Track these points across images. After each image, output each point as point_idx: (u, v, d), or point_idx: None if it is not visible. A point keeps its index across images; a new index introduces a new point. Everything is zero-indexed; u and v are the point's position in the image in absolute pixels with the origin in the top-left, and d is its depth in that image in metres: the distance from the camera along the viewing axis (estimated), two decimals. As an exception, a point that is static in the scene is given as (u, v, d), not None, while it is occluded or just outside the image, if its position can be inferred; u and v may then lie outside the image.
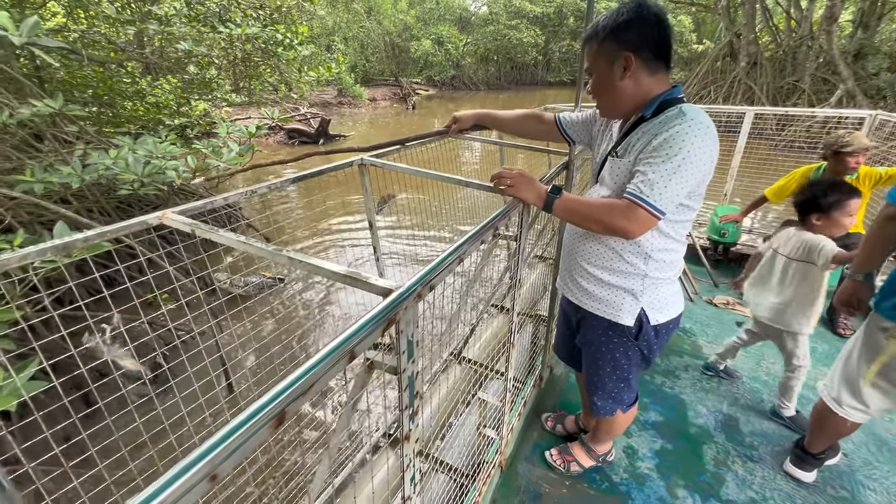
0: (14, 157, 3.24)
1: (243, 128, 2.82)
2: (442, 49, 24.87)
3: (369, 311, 0.66)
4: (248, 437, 0.46)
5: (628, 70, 1.13)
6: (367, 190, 1.65)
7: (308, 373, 0.53)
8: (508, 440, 1.86)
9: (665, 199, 1.08)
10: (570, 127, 1.53)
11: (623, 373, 1.44)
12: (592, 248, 1.34)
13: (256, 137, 2.92)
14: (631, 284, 1.30)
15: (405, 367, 0.77)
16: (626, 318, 1.32)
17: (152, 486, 0.39)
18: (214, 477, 0.43)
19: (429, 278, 0.78)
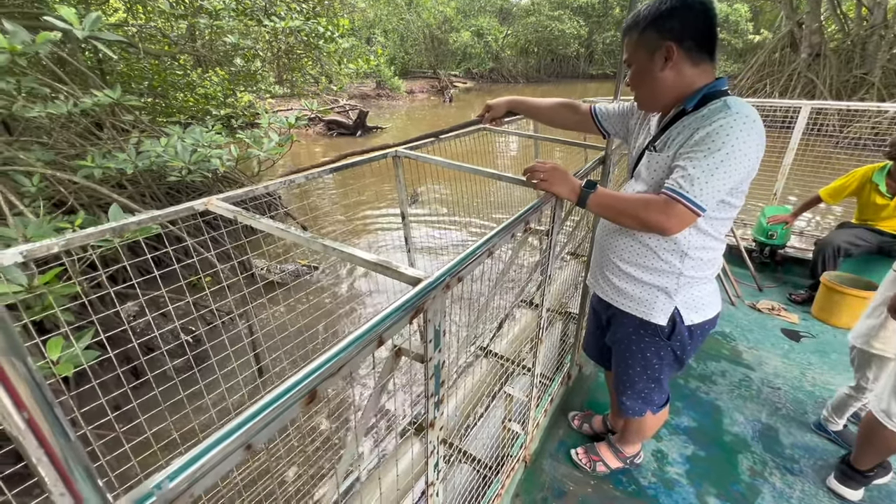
0: (77, 145, 3.48)
1: (283, 118, 2.91)
2: (481, 41, 24.66)
3: (398, 298, 0.68)
4: (281, 412, 0.49)
5: (669, 60, 1.09)
6: (400, 181, 1.67)
7: (338, 355, 0.55)
8: (533, 436, 1.85)
9: (706, 195, 1.04)
10: (606, 119, 1.49)
11: (654, 373, 1.41)
12: (625, 244, 1.31)
13: (296, 128, 3.01)
14: (665, 282, 1.26)
15: (432, 356, 0.79)
16: (658, 317, 1.28)
17: (193, 451, 0.42)
18: (249, 447, 0.46)
19: (458, 269, 0.78)
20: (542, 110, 1.59)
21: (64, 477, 0.29)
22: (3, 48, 1.66)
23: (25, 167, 2.31)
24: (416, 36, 23.71)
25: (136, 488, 0.37)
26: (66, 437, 0.28)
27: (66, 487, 0.29)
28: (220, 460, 0.43)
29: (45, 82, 2.92)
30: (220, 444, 0.43)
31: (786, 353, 2.57)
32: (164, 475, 0.39)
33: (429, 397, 0.82)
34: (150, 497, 0.37)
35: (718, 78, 1.13)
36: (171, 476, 0.39)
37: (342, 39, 5.62)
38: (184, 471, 0.40)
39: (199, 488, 0.42)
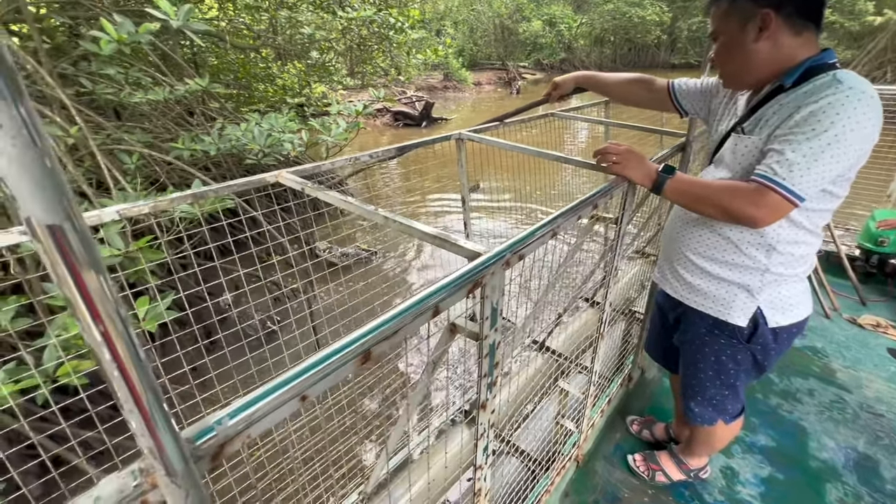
0: (172, 129, 3.84)
1: (351, 106, 3.01)
2: (553, 30, 23.88)
3: (456, 270, 0.66)
4: (336, 368, 0.49)
5: (765, 30, 0.96)
6: (462, 166, 1.66)
7: (394, 318, 0.55)
8: (588, 436, 1.78)
9: (806, 183, 0.91)
10: (686, 95, 1.35)
11: (729, 378, 1.28)
12: (701, 235, 1.19)
13: (365, 117, 3.10)
14: (747, 279, 1.13)
15: (487, 334, 0.76)
16: (737, 317, 1.16)
17: (251, 394, 0.43)
18: (304, 397, 0.47)
19: (519, 246, 0.75)
20: (614, 86, 1.48)
21: (134, 394, 0.30)
22: (112, 38, 1.85)
23: (127, 147, 2.57)
24: (486, 27, 23.47)
25: (199, 421, 0.39)
26: (137, 358, 0.29)
27: (136, 405, 0.30)
28: (275, 406, 0.44)
29: (149, 73, 3.24)
30: (278, 390, 0.44)
31: (892, 377, 2.24)
32: (225, 412, 0.40)
33: (482, 377, 0.80)
34: (211, 431, 0.39)
35: (825, 49, 0.98)
36: (231, 414, 0.40)
37: (412, 30, 5.70)
38: (242, 411, 0.41)
39: (256, 430, 0.43)
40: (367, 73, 7.57)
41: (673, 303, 1.35)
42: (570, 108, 2.20)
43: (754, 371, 1.27)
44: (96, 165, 2.36)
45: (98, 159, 2.12)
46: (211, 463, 0.39)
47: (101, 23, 1.86)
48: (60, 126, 2.27)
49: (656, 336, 1.59)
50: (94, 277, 0.26)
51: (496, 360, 0.82)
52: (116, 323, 0.27)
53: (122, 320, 0.28)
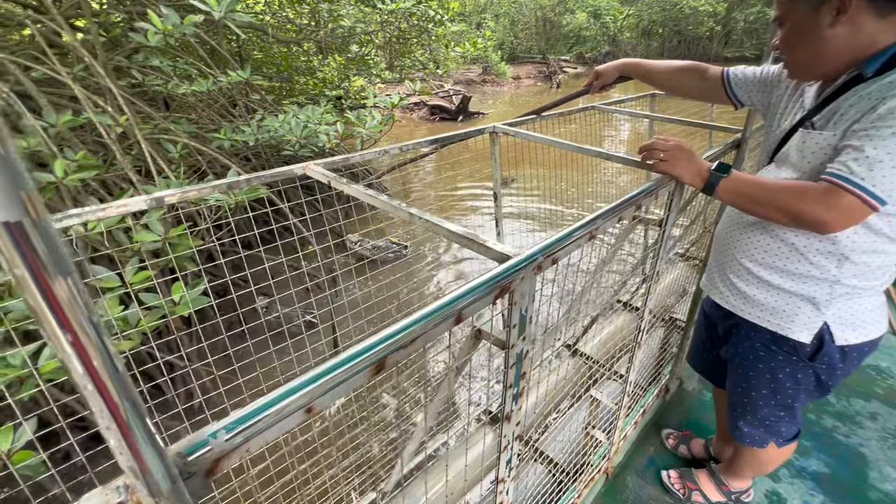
0: (216, 120, 3.96)
1: (386, 99, 2.99)
2: (598, 22, 23.08)
3: (483, 274, 0.61)
4: (346, 378, 0.45)
5: (843, 13, 0.83)
6: (495, 160, 1.59)
7: (411, 326, 0.51)
8: (619, 448, 1.69)
9: (889, 185, 0.80)
10: (742, 85, 1.22)
11: (785, 398, 1.17)
12: (760, 241, 1.07)
13: (402, 111, 3.08)
14: (813, 291, 1.02)
15: (514, 343, 0.71)
16: (799, 333, 1.05)
17: (253, 404, 0.40)
18: (310, 409, 0.44)
19: (553, 249, 0.69)
20: (661, 74, 1.35)
21: (111, 407, 0.27)
22: (159, 29, 1.90)
23: (172, 137, 2.66)
24: (528, 19, 22.97)
25: (192, 434, 0.36)
26: (113, 368, 0.26)
27: (114, 419, 0.27)
28: (278, 419, 0.40)
29: (196, 66, 3.35)
30: (281, 402, 0.41)
31: None
32: (221, 425, 0.37)
33: (507, 388, 0.75)
34: (204, 445, 0.36)
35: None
36: (228, 427, 0.37)
37: (451, 23, 5.63)
38: (242, 423, 0.38)
39: (256, 444, 0.40)
40: (406, 67, 7.57)
41: (723, 313, 1.25)
42: (613, 101, 2.09)
43: (817, 392, 1.15)
44: (143, 154, 2.45)
45: (143, 148, 2.20)
46: (205, 479, 0.36)
47: (149, 15, 1.92)
48: (111, 115, 2.37)
49: (702, 347, 1.48)
50: (62, 281, 0.23)
51: (523, 370, 0.76)
52: (89, 331, 0.24)
53: (94, 328, 0.24)
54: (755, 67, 1.23)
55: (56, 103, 2.83)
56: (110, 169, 2.63)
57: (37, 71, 2.52)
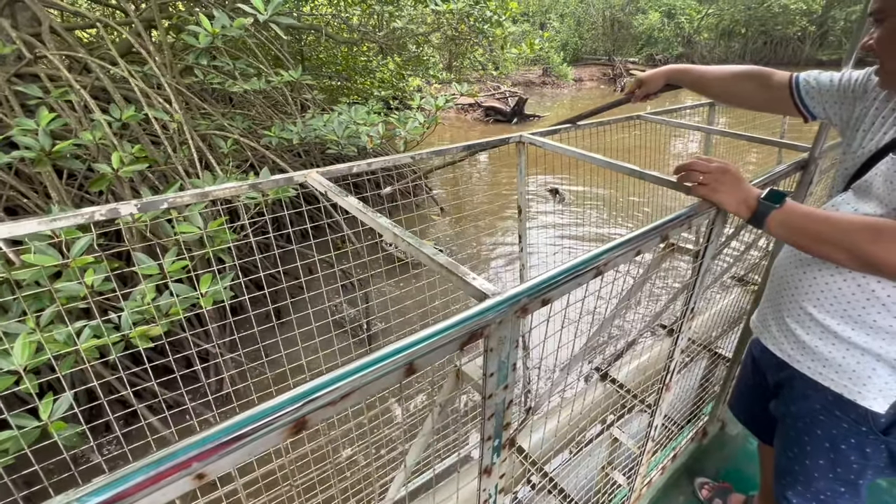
0: (271, 117, 4.13)
1: (431, 100, 2.95)
2: (672, 22, 21.79)
3: (449, 317, 0.53)
4: (240, 446, 0.40)
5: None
6: (521, 171, 1.49)
7: (340, 380, 0.44)
8: (642, 494, 1.52)
9: None
10: (816, 95, 1.03)
11: (848, 473, 0.98)
12: (831, 284, 0.90)
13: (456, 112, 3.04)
14: (892, 351, 0.84)
15: (492, 393, 0.62)
16: (872, 399, 0.88)
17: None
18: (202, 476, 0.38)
19: (542, 289, 0.60)
20: (716, 81, 1.17)
21: None
22: (208, 31, 1.98)
23: (224, 133, 2.79)
24: (595, 19, 22.13)
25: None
26: None
27: None
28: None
29: (254, 65, 3.49)
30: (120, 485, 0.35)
31: None
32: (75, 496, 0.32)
33: (484, 440, 0.67)
34: None
35: None
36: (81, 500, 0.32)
37: (511, 23, 5.51)
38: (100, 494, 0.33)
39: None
40: (464, 68, 7.52)
41: (776, 362, 1.07)
42: (664, 111, 1.89)
43: (888, 470, 0.96)
44: (197, 149, 2.58)
45: (191, 143, 2.31)
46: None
47: (198, 17, 2.00)
48: (167, 111, 2.51)
49: (747, 395, 1.29)
50: None
51: (506, 420, 0.67)
52: None
53: None
54: (833, 73, 1.03)
55: (126, 97, 3.06)
56: (167, 162, 2.80)
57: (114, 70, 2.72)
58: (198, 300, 1.68)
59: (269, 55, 4.04)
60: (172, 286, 1.68)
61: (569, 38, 21.82)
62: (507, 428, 0.68)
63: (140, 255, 2.03)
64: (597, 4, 21.72)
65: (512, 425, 0.69)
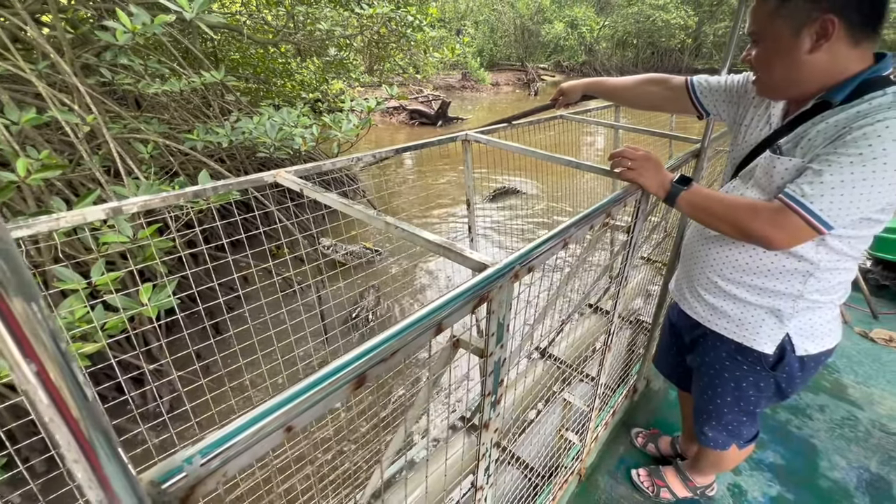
0: (189, 121, 3.86)
1: (363, 102, 2.99)
2: (575, 32, 23.58)
3: (461, 284, 0.62)
4: (326, 395, 0.45)
5: (825, 39, 0.83)
6: (468, 167, 1.61)
7: (391, 339, 0.51)
8: (591, 449, 1.72)
9: (838, 212, 0.83)
10: (708, 94, 1.23)
11: (748, 405, 1.23)
12: (730, 257, 1.10)
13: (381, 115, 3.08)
14: (778, 304, 1.06)
15: (493, 351, 0.72)
16: (763, 344, 1.10)
17: (228, 427, 0.39)
18: (290, 428, 0.43)
19: (528, 258, 0.71)
20: (625, 90, 1.37)
21: (80, 439, 0.26)
22: (127, 28, 1.85)
23: (143, 137, 2.58)
24: (507, 27, 23.28)
25: (165, 461, 0.35)
26: (82, 397, 0.26)
27: (83, 453, 0.26)
28: (256, 440, 0.40)
29: (168, 65, 3.25)
30: (258, 422, 0.40)
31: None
32: (196, 449, 0.36)
33: (485, 395, 0.76)
34: (179, 472, 0.35)
35: (880, 56, 0.86)
36: (203, 451, 0.36)
37: (430, 29, 5.66)
38: (217, 447, 0.37)
39: (233, 468, 0.39)
40: (385, 71, 7.55)
41: (691, 323, 1.28)
42: (580, 111, 2.15)
43: (776, 397, 1.21)
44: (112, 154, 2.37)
45: (111, 148, 2.12)
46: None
47: (117, 13, 1.86)
48: (78, 114, 2.28)
49: (667, 354, 1.53)
50: (22, 304, 0.22)
51: (501, 377, 0.77)
52: (55, 357, 0.24)
53: (61, 354, 0.24)
54: (720, 77, 1.24)
55: (19, 101, 2.71)
56: (76, 169, 2.53)
57: None
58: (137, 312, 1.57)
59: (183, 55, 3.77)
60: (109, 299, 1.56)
61: (484, 44, 22.72)
62: (502, 384, 0.79)
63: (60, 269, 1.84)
64: (508, 13, 22.85)
65: (505, 381, 0.80)
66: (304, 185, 0.97)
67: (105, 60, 2.88)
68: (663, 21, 23.24)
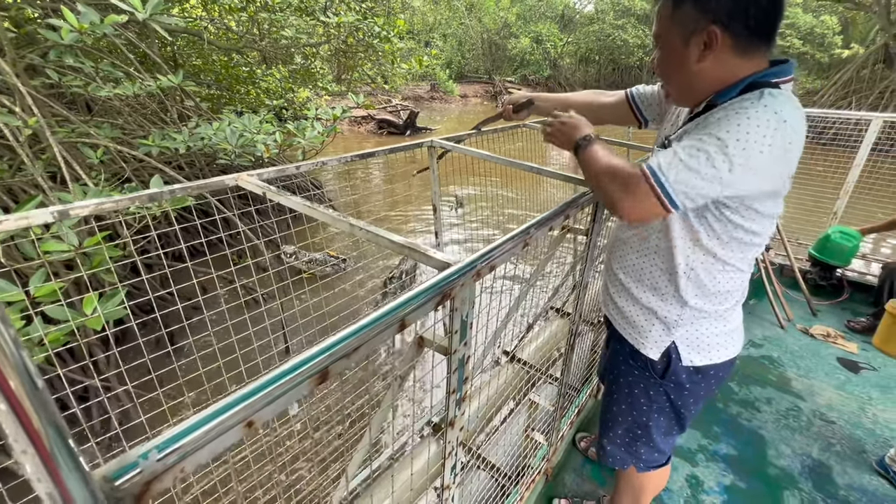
0: (145, 127, 3.71)
1: (329, 110, 2.98)
2: (540, 48, 24.32)
3: (425, 281, 0.63)
4: (289, 389, 0.45)
5: (710, 49, 0.83)
6: (434, 173, 1.64)
7: (355, 334, 0.52)
8: (557, 448, 1.76)
9: (682, 187, 0.81)
10: (644, 101, 1.24)
11: (641, 416, 1.17)
12: (631, 255, 1.09)
13: (350, 124, 3.07)
14: (665, 310, 1.04)
15: (456, 349, 0.73)
16: (650, 349, 1.07)
17: (187, 421, 0.39)
18: (251, 423, 0.43)
19: (490, 257, 0.73)
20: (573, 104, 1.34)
21: (29, 431, 0.25)
22: (73, 27, 1.77)
23: (93, 141, 2.46)
24: (475, 41, 23.75)
25: (120, 456, 0.35)
26: (33, 387, 0.25)
27: (33, 444, 0.26)
28: (215, 435, 0.39)
29: (123, 69, 3.12)
30: (219, 416, 0.40)
31: (842, 385, 2.36)
32: (153, 445, 0.36)
33: (450, 393, 0.77)
34: (133, 467, 0.34)
35: (774, 63, 0.87)
36: (159, 446, 0.36)
37: (398, 40, 5.70)
38: (175, 442, 0.37)
39: (191, 464, 0.38)
40: (353, 81, 7.53)
41: (608, 323, 1.25)
42: (542, 120, 2.23)
43: (670, 413, 1.14)
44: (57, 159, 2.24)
45: (56, 152, 2.01)
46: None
47: (62, 12, 1.78)
48: (20, 117, 2.15)
49: (603, 357, 1.48)
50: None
51: (465, 374, 0.79)
52: (4, 346, 0.23)
53: (11, 341, 0.24)
54: (654, 86, 1.24)
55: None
56: (17, 174, 2.38)
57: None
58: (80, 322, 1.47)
59: (141, 60, 3.63)
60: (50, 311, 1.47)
61: (452, 56, 23.07)
62: (467, 382, 0.80)
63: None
64: (475, 27, 23.33)
65: (470, 380, 0.81)
66: (267, 188, 0.96)
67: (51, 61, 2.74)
68: (622, 40, 24.37)
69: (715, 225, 0.92)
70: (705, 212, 0.91)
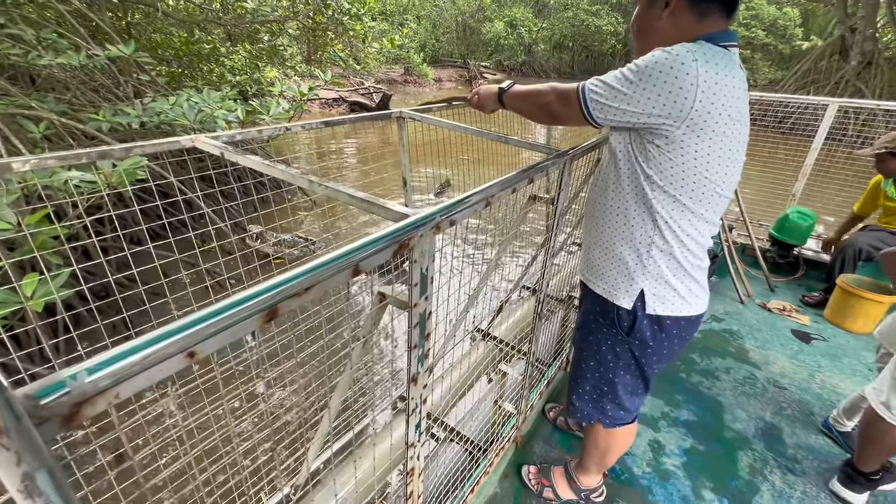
0: (96, 102, 3.51)
1: (295, 87, 2.89)
2: (514, 32, 24.19)
3: (382, 229, 0.63)
4: (234, 322, 0.44)
5: (669, 9, 0.94)
6: (403, 145, 1.62)
7: (305, 274, 0.51)
8: (527, 417, 1.81)
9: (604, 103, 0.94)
10: None
11: (607, 372, 1.22)
12: (593, 209, 1.16)
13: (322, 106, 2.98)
14: (633, 258, 1.07)
15: (417, 303, 0.74)
16: (622, 298, 1.10)
17: (126, 344, 0.37)
18: (193, 354, 0.42)
19: (451, 211, 0.73)
20: None
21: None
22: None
23: (35, 114, 2.31)
24: (449, 24, 23.40)
25: (48, 377, 0.33)
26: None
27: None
28: (155, 361, 0.38)
29: (71, 39, 2.93)
30: (157, 343, 0.38)
31: (794, 355, 2.51)
32: (84, 366, 0.34)
33: (411, 349, 0.78)
34: (61, 387, 0.33)
35: (725, 30, 0.93)
36: (90, 369, 0.34)
37: (369, 19, 5.56)
38: (108, 365, 0.35)
39: (127, 389, 0.37)
40: (324, 62, 7.32)
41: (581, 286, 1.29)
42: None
43: (634, 370, 1.19)
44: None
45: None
46: (63, 426, 0.33)
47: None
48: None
49: None
50: None
51: (427, 330, 0.79)
52: None
53: None
54: None
55: None
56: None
57: None
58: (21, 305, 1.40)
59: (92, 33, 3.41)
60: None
61: (426, 39, 22.67)
62: (428, 339, 0.81)
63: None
64: (449, 9, 22.98)
65: (432, 336, 0.82)
66: (225, 148, 0.93)
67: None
68: (595, 27, 24.52)
69: (646, 158, 0.98)
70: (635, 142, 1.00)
